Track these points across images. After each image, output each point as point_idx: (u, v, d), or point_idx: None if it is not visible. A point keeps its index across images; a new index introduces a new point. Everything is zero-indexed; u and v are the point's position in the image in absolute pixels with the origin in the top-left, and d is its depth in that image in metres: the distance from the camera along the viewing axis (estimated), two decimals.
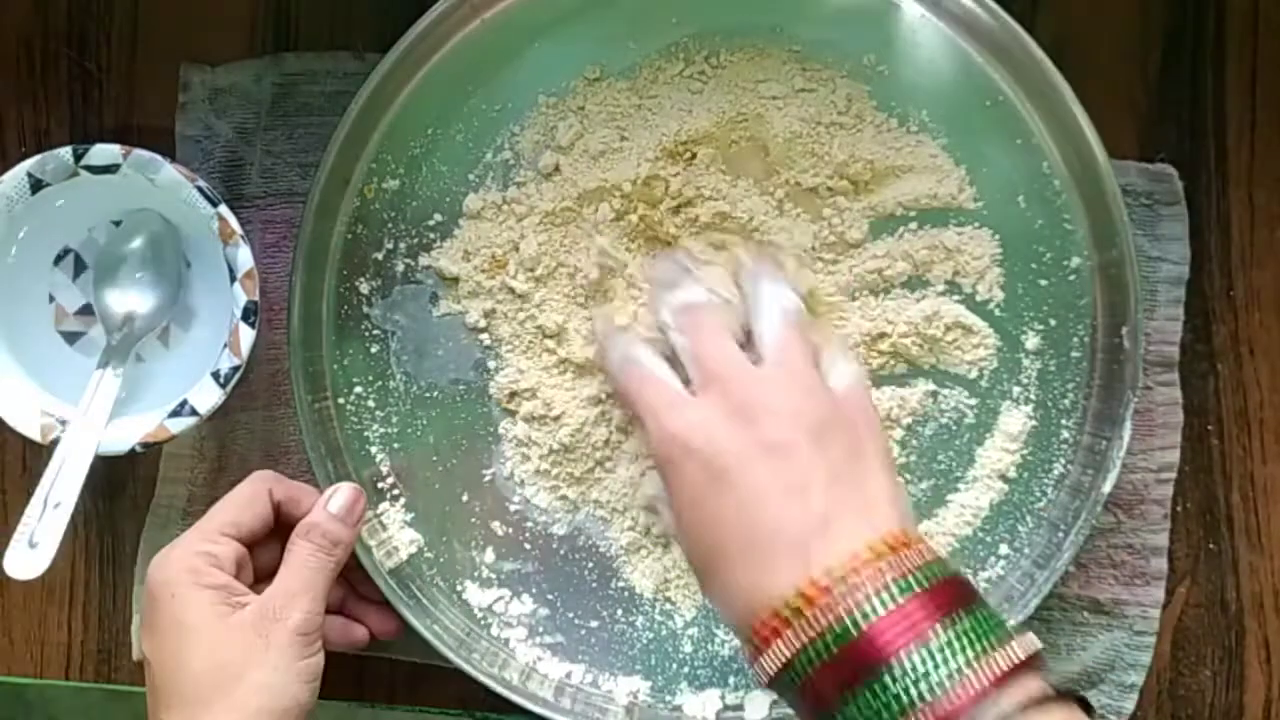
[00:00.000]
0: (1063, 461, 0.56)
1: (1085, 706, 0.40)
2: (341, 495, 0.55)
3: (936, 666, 0.39)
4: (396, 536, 0.58)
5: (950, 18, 0.56)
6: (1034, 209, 0.57)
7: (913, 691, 0.38)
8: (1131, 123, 0.59)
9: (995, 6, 0.55)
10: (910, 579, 0.41)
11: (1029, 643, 0.40)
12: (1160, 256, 0.59)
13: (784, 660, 0.41)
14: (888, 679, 0.39)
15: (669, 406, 0.48)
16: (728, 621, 0.47)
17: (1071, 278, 0.56)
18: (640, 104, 0.57)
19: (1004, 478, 0.57)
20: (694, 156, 0.57)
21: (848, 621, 0.40)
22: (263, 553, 0.55)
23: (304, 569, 0.53)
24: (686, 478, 0.46)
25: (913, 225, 0.57)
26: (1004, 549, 0.57)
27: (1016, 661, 0.39)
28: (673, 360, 0.51)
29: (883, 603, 0.40)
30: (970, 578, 0.47)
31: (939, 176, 0.57)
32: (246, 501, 0.54)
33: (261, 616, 0.50)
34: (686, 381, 0.50)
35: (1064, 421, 0.57)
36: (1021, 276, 0.57)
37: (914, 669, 0.39)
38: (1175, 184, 0.59)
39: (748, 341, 0.51)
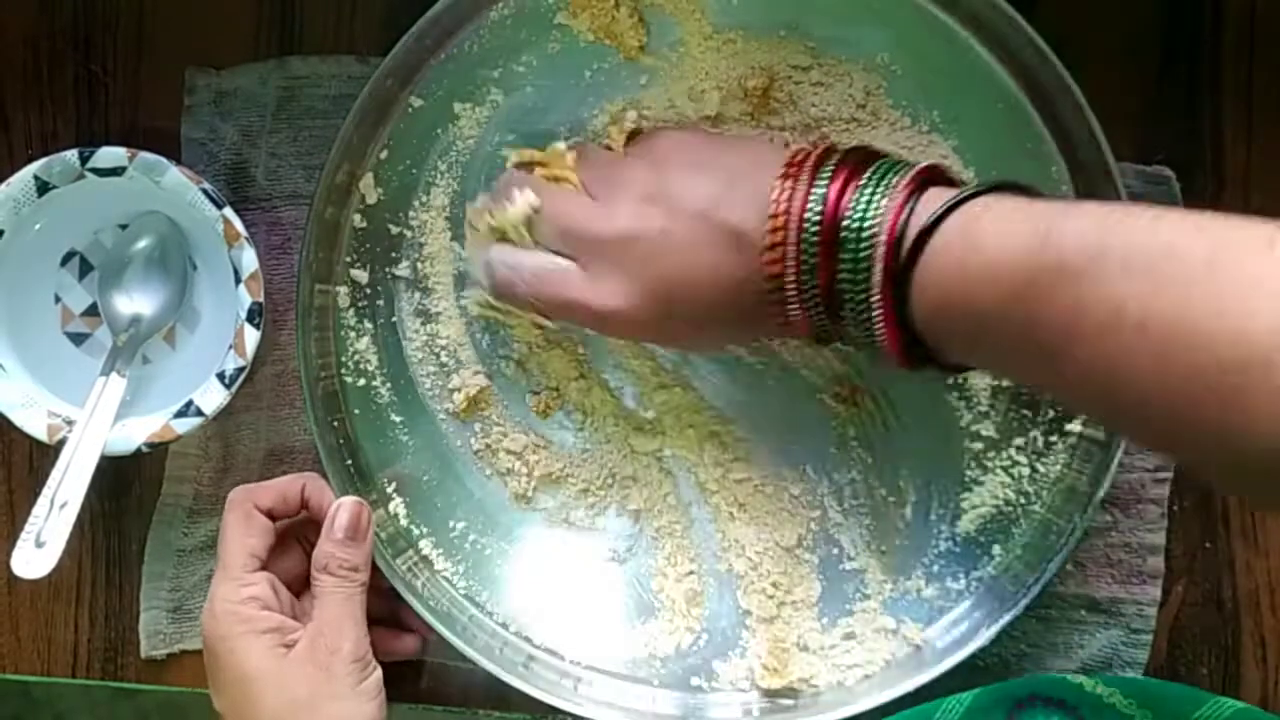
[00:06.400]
0: (1061, 463, 0.57)
1: (1018, 190, 0.45)
2: (344, 514, 0.54)
3: (866, 207, 0.46)
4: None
5: (963, 18, 0.56)
6: None
7: (862, 233, 0.45)
8: (1128, 125, 0.59)
9: (1009, 8, 0.55)
10: (824, 168, 0.47)
11: (930, 168, 0.47)
12: None
13: (791, 278, 0.47)
14: (845, 235, 0.46)
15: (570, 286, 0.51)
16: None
17: None
18: (654, 83, 0.58)
19: (1001, 478, 0.57)
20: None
21: (809, 216, 0.47)
22: (285, 559, 0.56)
23: (335, 601, 0.53)
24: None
25: None
26: (996, 549, 0.57)
27: (914, 179, 0.46)
28: None
29: (820, 187, 0.47)
30: (869, 146, 0.52)
31: None
32: (244, 529, 0.54)
33: (315, 650, 0.51)
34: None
35: (1064, 422, 0.57)
36: None
37: (855, 216, 0.46)
38: (1172, 186, 0.59)
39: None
